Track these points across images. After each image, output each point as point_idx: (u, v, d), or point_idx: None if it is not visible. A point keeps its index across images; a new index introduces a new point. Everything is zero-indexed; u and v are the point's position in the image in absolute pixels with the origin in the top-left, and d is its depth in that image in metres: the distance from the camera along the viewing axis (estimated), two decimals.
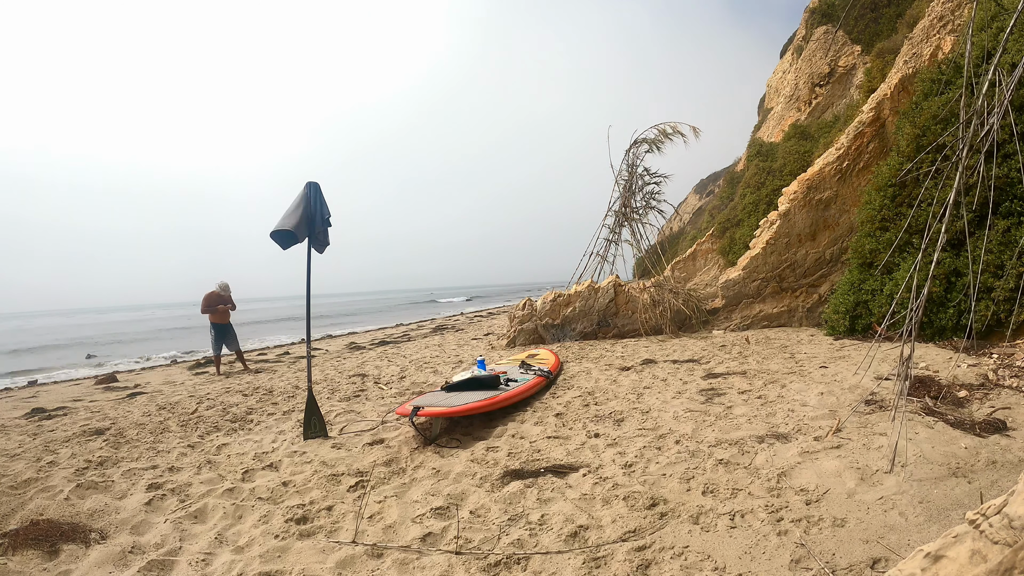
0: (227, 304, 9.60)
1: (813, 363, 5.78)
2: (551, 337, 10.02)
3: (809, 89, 16.05)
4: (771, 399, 4.50)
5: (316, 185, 4.89)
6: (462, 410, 4.32)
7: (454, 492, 3.22)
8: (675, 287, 10.39)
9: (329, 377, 7.92)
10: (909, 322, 2.80)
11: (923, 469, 2.81)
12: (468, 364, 8.18)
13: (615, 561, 2.33)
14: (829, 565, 2.13)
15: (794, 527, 2.44)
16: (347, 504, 3.21)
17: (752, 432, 3.70)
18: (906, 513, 2.42)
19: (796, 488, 2.81)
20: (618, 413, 4.55)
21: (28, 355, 20.40)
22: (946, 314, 5.69)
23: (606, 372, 6.46)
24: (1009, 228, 5.29)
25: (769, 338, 8.02)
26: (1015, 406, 3.56)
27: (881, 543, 2.23)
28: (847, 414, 3.77)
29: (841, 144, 8.58)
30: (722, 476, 3.05)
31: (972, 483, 2.62)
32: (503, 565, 2.40)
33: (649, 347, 8.26)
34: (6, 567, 2.60)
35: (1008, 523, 1.26)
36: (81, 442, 4.94)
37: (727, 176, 21.08)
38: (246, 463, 4.07)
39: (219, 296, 9.57)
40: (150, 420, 5.77)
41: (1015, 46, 5.41)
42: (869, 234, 6.96)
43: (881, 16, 13.93)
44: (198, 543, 2.86)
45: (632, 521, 2.66)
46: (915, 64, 7.95)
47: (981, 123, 3.07)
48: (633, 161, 11.72)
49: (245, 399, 6.64)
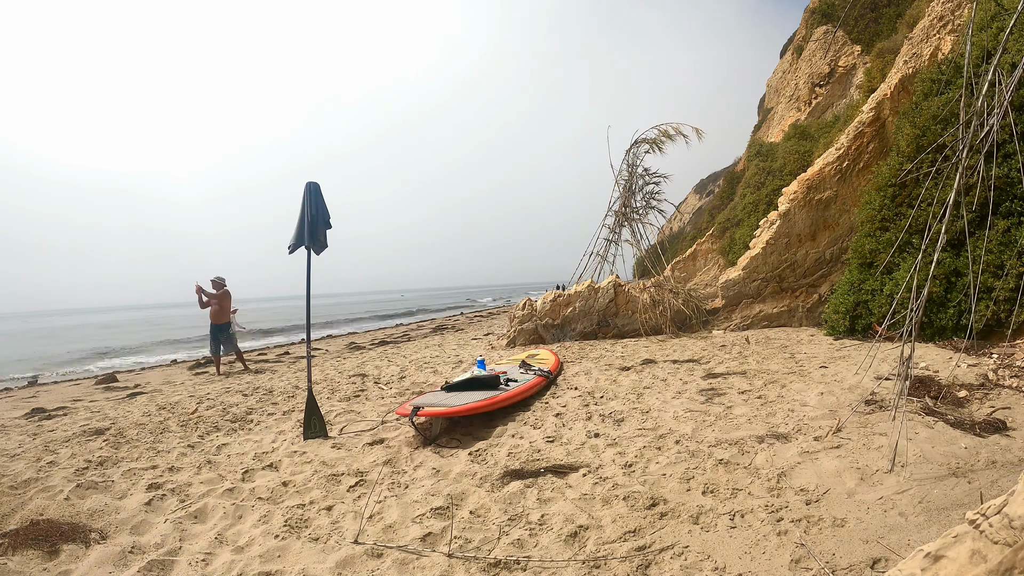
0: (217, 301, 9.40)
1: (813, 363, 5.78)
2: (551, 337, 10.02)
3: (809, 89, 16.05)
4: (771, 399, 4.50)
5: (314, 186, 4.88)
6: (462, 410, 4.32)
7: (454, 492, 3.22)
8: (675, 287, 10.39)
9: (329, 377, 7.91)
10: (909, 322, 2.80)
11: (923, 469, 2.81)
12: (468, 364, 8.18)
13: (615, 561, 2.33)
14: (829, 565, 2.13)
15: (794, 527, 2.44)
16: (347, 504, 3.21)
17: (752, 432, 3.70)
18: (906, 513, 2.42)
19: (796, 488, 2.81)
20: (618, 413, 4.55)
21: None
22: (946, 314, 5.69)
23: (606, 372, 6.46)
24: (1009, 228, 5.29)
25: (769, 338, 8.02)
26: (1015, 406, 3.56)
27: (881, 543, 2.23)
28: (847, 414, 3.77)
29: (841, 144, 8.58)
30: (722, 476, 3.05)
31: (972, 483, 2.62)
32: (503, 565, 2.40)
33: (649, 347, 8.26)
34: (6, 567, 2.60)
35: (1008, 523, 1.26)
36: (81, 442, 4.93)
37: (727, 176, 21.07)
38: (246, 463, 4.07)
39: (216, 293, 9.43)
40: (150, 420, 5.76)
41: (1015, 46, 5.41)
42: (869, 234, 6.96)
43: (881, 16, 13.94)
44: (198, 543, 2.86)
45: (632, 521, 2.66)
46: (915, 64, 7.95)
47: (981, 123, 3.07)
48: (633, 161, 11.72)
49: (245, 399, 6.64)
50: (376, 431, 4.68)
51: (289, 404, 6.18)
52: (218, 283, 9.53)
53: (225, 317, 9.48)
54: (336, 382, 7.41)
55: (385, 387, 6.76)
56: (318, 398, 6.23)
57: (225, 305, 9.49)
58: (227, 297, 9.55)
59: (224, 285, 9.59)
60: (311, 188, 4.85)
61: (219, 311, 9.39)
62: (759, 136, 19.57)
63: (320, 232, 4.86)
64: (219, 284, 9.53)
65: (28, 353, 21.54)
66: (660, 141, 11.49)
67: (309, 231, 4.79)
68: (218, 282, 9.53)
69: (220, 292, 9.48)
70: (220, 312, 9.41)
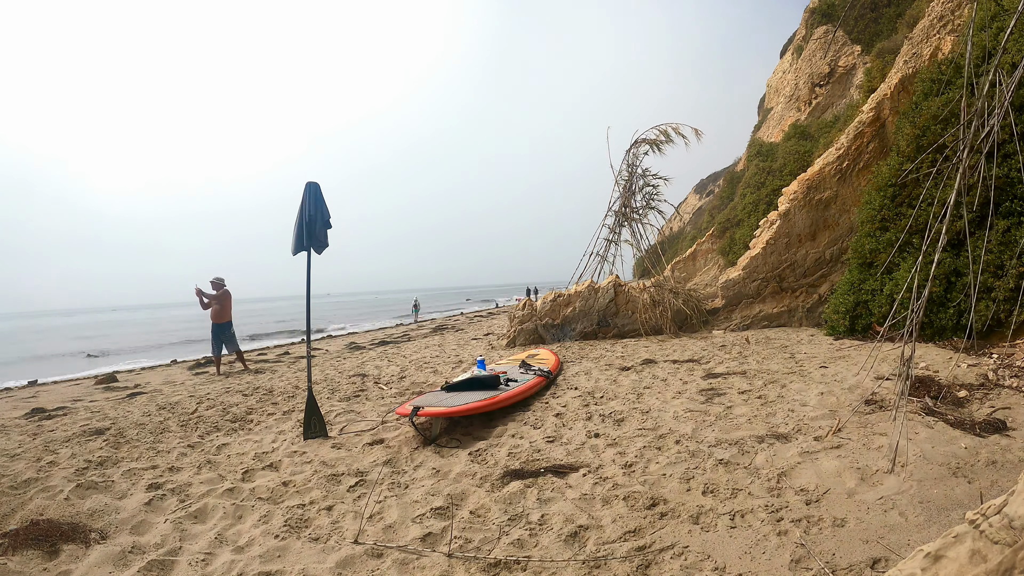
0: (218, 301, 9.42)
1: (813, 363, 5.78)
2: (551, 337, 10.02)
3: (809, 89, 16.05)
4: (771, 399, 4.50)
5: (314, 186, 4.88)
6: (462, 410, 4.32)
7: (454, 492, 3.22)
8: (675, 287, 10.39)
9: (329, 377, 7.92)
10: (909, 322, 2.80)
11: (923, 469, 2.81)
12: (468, 364, 8.18)
13: (615, 561, 2.33)
14: (829, 565, 2.13)
15: (794, 527, 2.44)
16: (347, 504, 3.21)
17: (752, 432, 3.70)
18: (906, 513, 2.42)
19: (796, 488, 2.81)
20: (618, 413, 4.55)
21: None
22: (946, 314, 5.69)
23: (606, 372, 6.46)
24: (1009, 228, 5.29)
25: (769, 338, 8.02)
26: (1015, 406, 3.56)
27: (881, 543, 2.23)
28: (847, 414, 3.77)
29: (841, 144, 8.58)
30: (722, 476, 3.05)
31: (972, 483, 2.62)
32: (503, 565, 2.40)
33: (649, 347, 8.26)
34: (6, 567, 2.60)
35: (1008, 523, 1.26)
36: (81, 442, 4.93)
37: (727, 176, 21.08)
38: (246, 463, 4.07)
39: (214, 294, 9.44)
40: (150, 420, 5.76)
41: (1015, 46, 5.41)
42: (869, 234, 6.96)
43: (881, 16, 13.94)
44: (198, 543, 2.86)
45: (632, 521, 2.66)
46: (915, 64, 7.94)
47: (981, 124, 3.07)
48: (633, 161, 11.72)
49: (245, 399, 6.63)
50: (376, 431, 4.68)
51: (289, 404, 6.18)
52: (217, 283, 9.58)
53: (226, 316, 9.53)
54: (336, 382, 7.41)
55: (385, 387, 6.76)
56: (318, 398, 6.23)
57: (226, 304, 9.54)
58: (227, 297, 9.60)
59: (224, 285, 9.63)
60: (311, 188, 4.85)
61: (220, 311, 9.45)
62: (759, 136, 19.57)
63: (320, 232, 4.87)
64: (218, 284, 9.58)
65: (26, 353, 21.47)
66: (660, 142, 11.49)
67: (308, 231, 4.79)
68: (217, 282, 9.58)
69: (220, 292, 9.51)
70: (221, 312, 9.45)
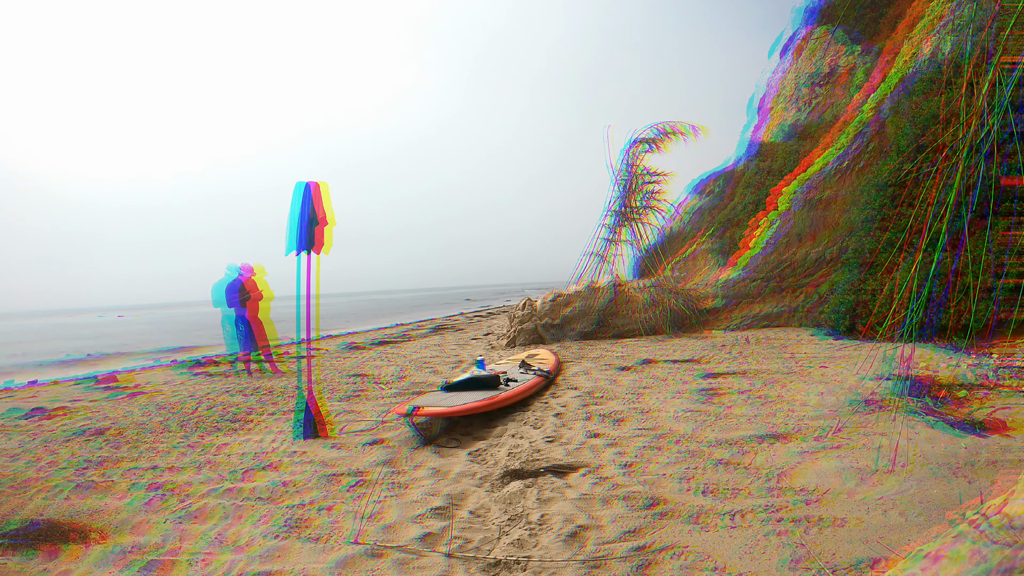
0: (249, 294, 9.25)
1: (813, 363, 5.78)
2: (551, 337, 10.02)
3: (809, 89, 16.05)
4: (771, 399, 4.50)
5: (303, 185, 4.88)
6: (461, 410, 4.32)
7: (453, 492, 3.22)
8: (674, 287, 10.39)
9: (328, 377, 7.91)
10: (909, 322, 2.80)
11: (923, 469, 2.81)
12: (468, 364, 8.18)
13: (614, 561, 2.33)
14: (829, 565, 2.13)
15: (794, 527, 2.44)
16: (346, 504, 3.21)
17: (751, 432, 3.70)
18: (906, 513, 2.42)
19: (796, 488, 2.81)
20: (617, 413, 4.55)
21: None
22: (946, 314, 5.69)
23: (605, 372, 6.46)
24: (1009, 228, 5.29)
25: (768, 338, 8.02)
26: (1015, 406, 3.56)
27: (881, 543, 2.23)
28: (847, 414, 3.77)
29: (841, 144, 8.58)
30: (721, 476, 3.05)
31: (972, 483, 2.62)
32: (503, 565, 2.40)
33: (648, 347, 8.26)
34: (6, 567, 2.59)
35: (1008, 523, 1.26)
36: (81, 442, 4.93)
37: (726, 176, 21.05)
38: (246, 463, 4.07)
39: None
40: (150, 420, 5.76)
41: (1015, 46, 5.41)
42: (869, 234, 6.96)
43: (881, 16, 13.93)
44: (198, 543, 2.86)
45: (631, 521, 2.66)
46: (915, 64, 7.94)
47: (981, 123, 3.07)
48: (632, 160, 11.72)
49: (245, 399, 6.63)
50: (375, 431, 4.68)
51: (289, 404, 6.17)
52: (247, 269, 9.44)
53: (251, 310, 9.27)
54: (335, 382, 7.41)
55: (384, 387, 6.76)
56: (317, 398, 6.23)
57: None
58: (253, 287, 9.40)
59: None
60: (297, 189, 4.86)
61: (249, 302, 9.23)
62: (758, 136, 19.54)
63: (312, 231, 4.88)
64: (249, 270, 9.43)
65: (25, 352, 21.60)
66: (659, 140, 11.49)
67: (299, 231, 4.81)
68: (247, 268, 9.44)
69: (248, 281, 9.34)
70: (250, 303, 9.24)
